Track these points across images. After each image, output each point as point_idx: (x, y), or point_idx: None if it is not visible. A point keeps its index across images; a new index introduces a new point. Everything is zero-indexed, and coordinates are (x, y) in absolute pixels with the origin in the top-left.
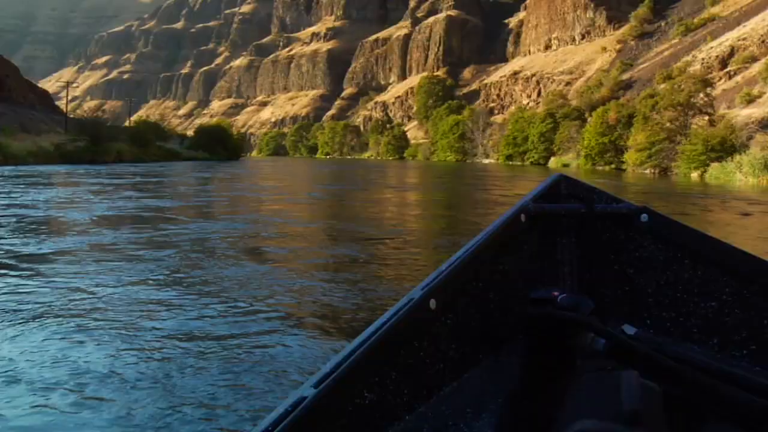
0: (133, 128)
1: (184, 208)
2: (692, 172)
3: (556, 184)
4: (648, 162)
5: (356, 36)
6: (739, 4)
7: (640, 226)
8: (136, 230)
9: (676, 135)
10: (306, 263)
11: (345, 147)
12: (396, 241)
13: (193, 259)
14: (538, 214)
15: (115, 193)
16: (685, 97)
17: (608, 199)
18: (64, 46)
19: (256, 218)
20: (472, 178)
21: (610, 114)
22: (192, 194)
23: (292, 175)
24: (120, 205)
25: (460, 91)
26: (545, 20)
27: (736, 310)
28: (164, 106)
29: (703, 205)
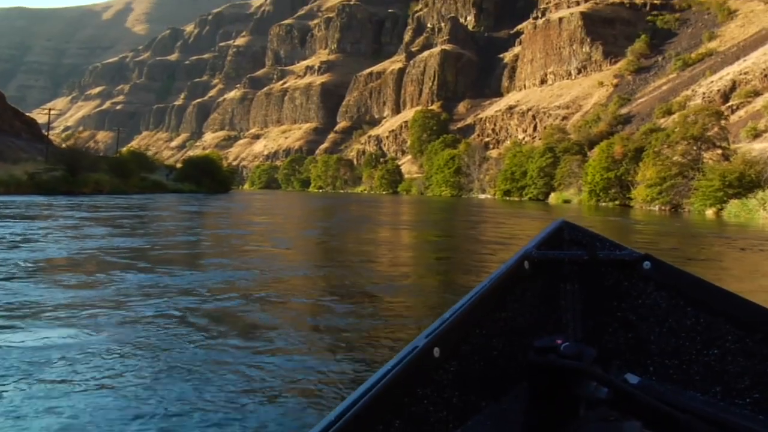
0: (113, 158)
1: (151, 253)
2: (707, 209)
3: (558, 231)
4: (659, 198)
5: (350, 69)
6: (737, 39)
7: (643, 274)
8: (84, 282)
9: (689, 170)
10: (296, 333)
11: (338, 181)
12: (392, 294)
13: (153, 331)
14: (541, 261)
15: (79, 229)
16: (698, 130)
17: (611, 246)
18: (58, 76)
19: (240, 265)
20: (469, 214)
21: (615, 148)
22: (167, 233)
23: (283, 209)
24: (77, 246)
25: (455, 126)
26: (541, 54)
27: (739, 358)
28: (157, 138)
29: (737, 247)
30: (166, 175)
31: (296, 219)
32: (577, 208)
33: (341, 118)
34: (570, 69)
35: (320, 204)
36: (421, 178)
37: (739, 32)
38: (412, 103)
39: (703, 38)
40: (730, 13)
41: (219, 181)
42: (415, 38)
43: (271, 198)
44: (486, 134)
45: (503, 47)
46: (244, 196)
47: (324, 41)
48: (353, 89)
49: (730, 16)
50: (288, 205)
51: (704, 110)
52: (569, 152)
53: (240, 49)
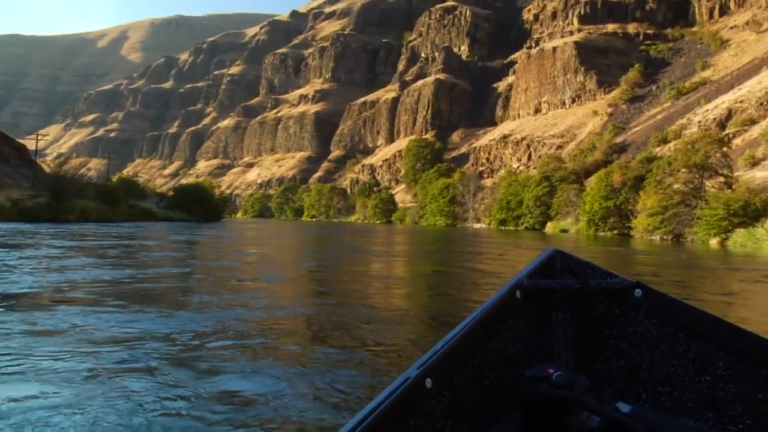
0: (101, 185)
1: (130, 287)
2: (711, 238)
3: (550, 260)
4: (662, 228)
5: (344, 98)
6: (730, 68)
7: (634, 302)
8: (48, 323)
9: (691, 198)
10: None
11: (331, 210)
12: (385, 338)
13: (113, 393)
14: (533, 291)
15: (57, 259)
16: (701, 158)
17: (602, 275)
18: (53, 103)
19: (226, 303)
20: (465, 244)
21: (614, 176)
22: (150, 264)
23: (275, 239)
24: (50, 279)
25: (449, 155)
26: (535, 84)
27: (731, 384)
28: (150, 165)
29: (751, 279)
30: (156, 203)
31: (288, 249)
32: (575, 238)
33: (335, 147)
34: (564, 98)
35: (313, 234)
36: (415, 207)
37: (732, 61)
38: (406, 132)
39: (697, 67)
40: (722, 43)
41: (210, 209)
42: (409, 68)
43: (263, 227)
44: (480, 163)
45: (497, 77)
46: (237, 225)
47: (318, 70)
48: (347, 118)
49: (723, 46)
50: (280, 235)
51: (706, 137)
52: (566, 181)
53: (234, 78)
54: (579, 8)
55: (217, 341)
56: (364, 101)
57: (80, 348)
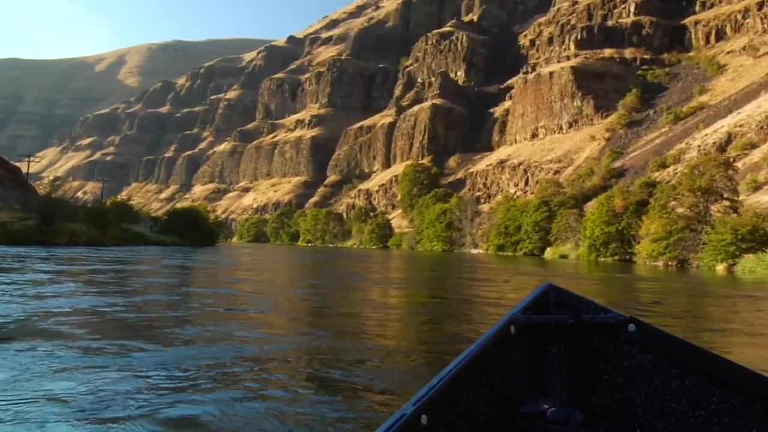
0: (92, 208)
1: (111, 317)
2: (718, 264)
3: (544, 294)
4: (667, 253)
5: (340, 123)
6: (728, 93)
7: (628, 336)
8: (15, 360)
9: (696, 223)
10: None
11: (327, 235)
12: (383, 369)
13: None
14: (527, 326)
15: (37, 286)
16: (706, 182)
17: (596, 309)
18: (50, 126)
19: (214, 336)
20: (462, 270)
21: (615, 201)
22: (135, 292)
23: (270, 264)
24: (24, 309)
25: (446, 180)
26: (532, 109)
27: (725, 419)
28: (146, 189)
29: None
30: (150, 227)
31: (283, 276)
32: (576, 264)
33: (331, 171)
34: (561, 123)
35: (309, 259)
36: (411, 232)
37: (729, 86)
38: (402, 157)
39: (694, 92)
40: (719, 68)
41: (204, 233)
42: (405, 93)
43: (258, 252)
44: (477, 188)
45: (493, 102)
46: (232, 250)
47: (315, 95)
48: (343, 143)
49: (720, 71)
50: (275, 260)
51: (711, 160)
52: (565, 206)
53: (231, 103)
54: (575, 33)
55: (200, 385)
56: (361, 126)
57: (35, 397)
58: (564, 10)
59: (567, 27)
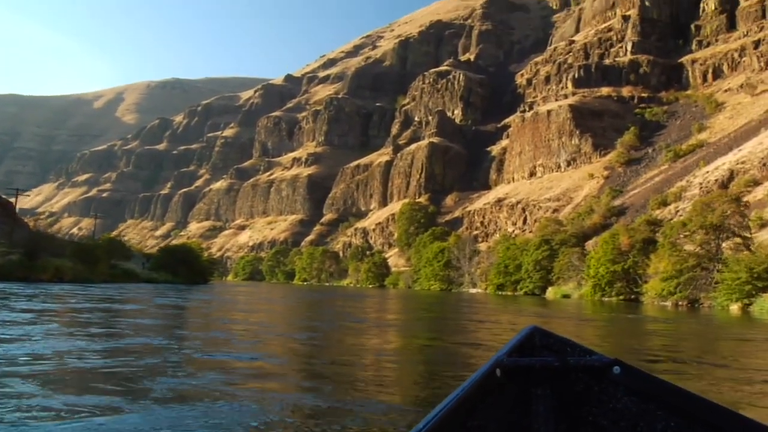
0: (79, 243)
1: (79, 366)
2: (732, 304)
3: (530, 337)
4: (678, 293)
5: (337, 162)
6: (727, 131)
7: (613, 379)
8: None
9: (706, 261)
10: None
11: (323, 273)
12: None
13: None
14: (512, 369)
15: (4, 327)
16: (717, 218)
17: (581, 352)
18: (47, 162)
19: (195, 392)
20: (461, 311)
21: (621, 239)
22: (113, 336)
23: (264, 304)
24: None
25: (443, 218)
26: (529, 147)
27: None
28: (141, 226)
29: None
30: (142, 264)
31: (278, 316)
32: (580, 304)
33: (327, 210)
34: (559, 161)
35: (304, 298)
36: (408, 271)
37: (728, 123)
38: (399, 195)
39: (693, 130)
40: (717, 106)
41: (197, 271)
42: (402, 131)
43: (253, 290)
44: (474, 227)
45: (491, 140)
46: (226, 288)
47: (311, 134)
48: (340, 181)
49: (718, 108)
50: (270, 299)
51: (722, 196)
52: (566, 244)
53: (228, 140)
54: (573, 72)
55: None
56: (357, 164)
57: None
58: (560, 49)
59: (564, 66)
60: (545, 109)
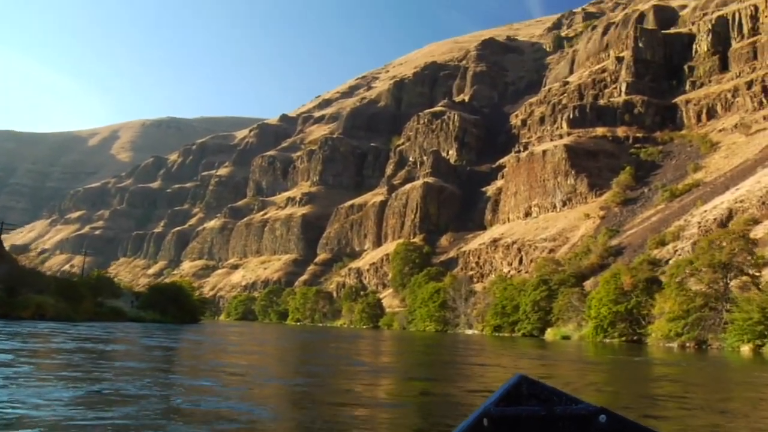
0: (63, 279)
1: (38, 417)
2: (743, 345)
3: (517, 386)
4: (685, 334)
5: (332, 202)
6: (723, 170)
7: (599, 427)
8: None
9: (714, 301)
10: None
11: (317, 314)
12: None
13: None
14: (499, 419)
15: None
16: (726, 256)
17: (568, 401)
18: (40, 199)
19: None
20: (458, 354)
21: (623, 279)
22: (84, 380)
23: (255, 346)
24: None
25: (438, 259)
26: (525, 187)
27: None
28: (134, 265)
29: None
30: (131, 302)
31: (271, 360)
32: (581, 346)
33: (321, 250)
34: (555, 201)
35: (297, 340)
36: (403, 312)
37: (723, 163)
38: (393, 235)
39: (689, 169)
40: (712, 145)
41: (187, 310)
42: (397, 171)
43: (246, 331)
44: (470, 267)
45: (485, 180)
46: (217, 328)
47: (306, 173)
48: (334, 221)
49: (713, 148)
50: (263, 340)
51: (730, 233)
52: (565, 284)
53: (222, 179)
54: (568, 112)
55: None
56: (352, 204)
57: None
58: (555, 90)
59: (558, 106)
60: (540, 149)
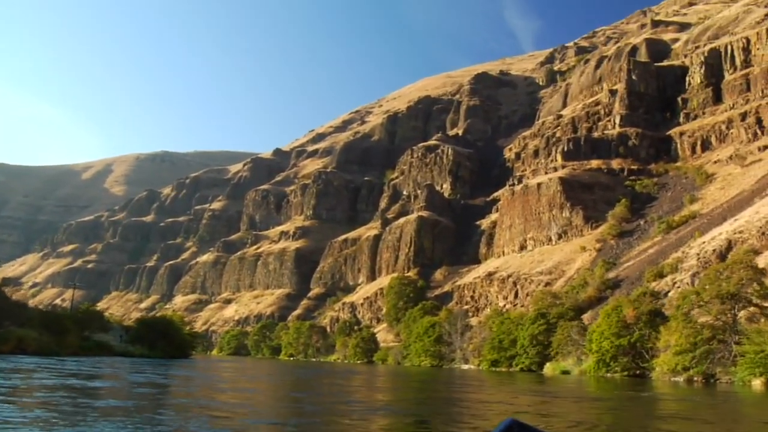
0: (47, 312)
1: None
2: (755, 378)
3: (508, 430)
4: (693, 368)
5: (325, 236)
6: (719, 201)
7: None
8: None
9: (722, 333)
10: None
11: (310, 348)
12: None
13: None
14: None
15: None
16: (734, 287)
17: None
18: (32, 232)
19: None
20: (455, 390)
21: (626, 311)
22: (71, 421)
23: (249, 382)
24: None
25: (432, 293)
26: (519, 220)
27: None
28: (126, 299)
29: None
30: (120, 336)
31: (262, 397)
32: (582, 381)
33: (315, 284)
34: (550, 234)
35: (291, 376)
36: (398, 347)
37: (719, 194)
38: (387, 269)
39: (685, 201)
40: (708, 177)
41: (177, 344)
42: (390, 205)
43: (238, 366)
44: (465, 301)
45: (480, 214)
46: (208, 364)
47: (300, 207)
48: (328, 255)
49: (709, 180)
50: (255, 376)
51: (738, 263)
52: (564, 318)
53: (215, 213)
54: (562, 145)
55: None
56: (345, 238)
57: None
58: (548, 123)
59: (552, 139)
60: (535, 182)
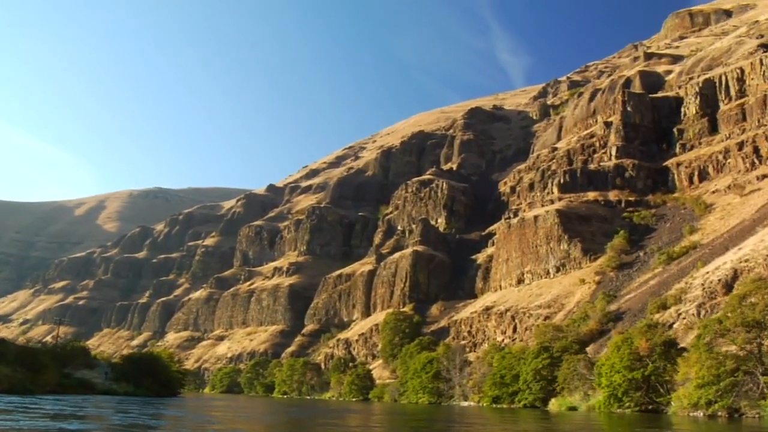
0: (22, 347)
1: None
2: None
3: None
4: (718, 401)
5: (319, 271)
6: (719, 231)
7: None
8: None
9: (747, 363)
10: None
11: (304, 386)
12: None
13: None
14: None
15: None
16: (760, 313)
17: None
18: (24, 268)
19: None
20: (459, 430)
21: (638, 343)
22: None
23: (241, 423)
24: None
25: (428, 328)
26: (516, 254)
27: None
28: (118, 336)
29: None
30: (105, 374)
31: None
32: (591, 417)
33: (309, 320)
34: (548, 267)
35: (285, 416)
36: (394, 383)
37: (719, 224)
38: (382, 305)
39: (684, 232)
40: (707, 207)
41: (164, 382)
42: (385, 240)
43: (230, 404)
44: (462, 337)
45: (475, 248)
46: (199, 402)
47: (293, 243)
48: (322, 291)
49: (708, 210)
50: (248, 416)
51: (762, 288)
52: (568, 351)
53: (208, 249)
54: (558, 177)
55: None
56: (340, 274)
57: None
58: (543, 156)
59: (548, 172)
60: (532, 215)
